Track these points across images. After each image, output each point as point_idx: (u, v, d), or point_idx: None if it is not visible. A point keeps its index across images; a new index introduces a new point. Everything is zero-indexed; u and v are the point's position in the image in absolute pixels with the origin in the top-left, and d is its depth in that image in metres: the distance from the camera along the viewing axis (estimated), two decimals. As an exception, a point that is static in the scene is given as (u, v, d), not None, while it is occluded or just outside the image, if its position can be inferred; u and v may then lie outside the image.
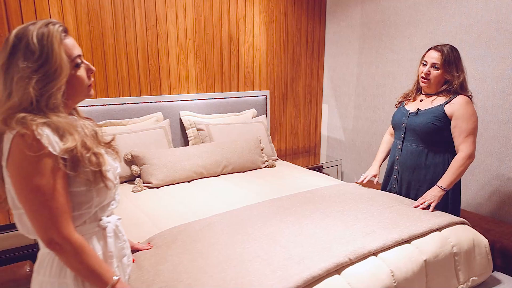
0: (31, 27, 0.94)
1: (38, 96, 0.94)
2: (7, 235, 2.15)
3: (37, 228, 0.95)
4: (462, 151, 1.85)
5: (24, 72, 0.92)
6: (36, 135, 0.91)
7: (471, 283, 1.62)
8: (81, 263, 0.97)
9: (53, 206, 0.93)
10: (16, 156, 0.92)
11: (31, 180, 0.91)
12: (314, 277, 1.23)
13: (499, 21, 2.34)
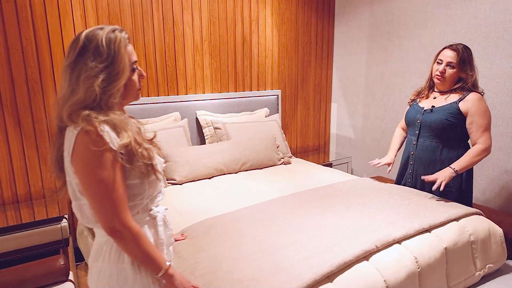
0: (100, 32, 1.03)
1: (101, 94, 1.02)
2: (32, 232, 2.23)
3: (100, 217, 1.03)
4: (482, 144, 1.92)
5: (92, 71, 1.00)
6: (99, 132, 0.99)
7: (488, 270, 1.71)
8: (138, 248, 1.05)
9: (115, 197, 1.01)
10: (81, 151, 1.00)
11: (95, 173, 0.99)
12: (345, 262, 1.32)
13: (507, 21, 2.43)
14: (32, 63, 2.42)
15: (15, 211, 2.35)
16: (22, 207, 2.41)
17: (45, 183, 2.57)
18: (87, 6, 2.55)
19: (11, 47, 2.33)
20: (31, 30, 2.39)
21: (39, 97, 2.47)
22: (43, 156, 2.53)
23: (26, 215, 2.31)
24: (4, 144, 2.38)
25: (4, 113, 2.36)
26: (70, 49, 1.03)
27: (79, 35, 1.04)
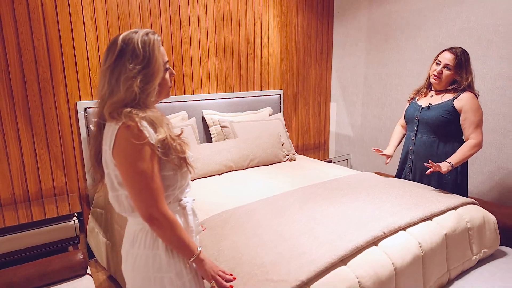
0: (134, 35, 1.12)
1: (140, 93, 1.12)
2: (45, 230, 2.30)
3: (139, 206, 1.11)
4: (474, 139, 2.07)
5: (130, 72, 1.09)
6: (140, 127, 1.09)
7: (483, 255, 1.85)
8: (174, 235, 1.14)
9: (153, 187, 1.11)
10: (122, 144, 1.08)
11: (136, 165, 1.08)
12: (357, 247, 1.44)
13: (497, 24, 2.59)
14: (44, 63, 2.48)
15: (26, 209, 2.41)
16: (33, 205, 2.47)
17: (56, 181, 2.64)
18: (97, 8, 2.62)
19: (23, 48, 2.40)
20: (43, 31, 2.45)
21: (50, 97, 2.53)
22: (54, 155, 2.59)
23: (37, 213, 2.37)
24: (15, 143, 2.45)
25: (16, 112, 2.42)
26: (108, 52, 1.12)
27: (116, 39, 1.12)
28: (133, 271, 1.19)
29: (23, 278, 1.79)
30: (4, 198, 2.46)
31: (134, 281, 1.19)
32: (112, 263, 2.51)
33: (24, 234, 2.21)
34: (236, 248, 1.47)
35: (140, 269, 1.17)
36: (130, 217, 1.21)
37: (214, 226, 1.68)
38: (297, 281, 1.24)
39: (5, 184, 2.45)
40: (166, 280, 1.16)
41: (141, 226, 1.19)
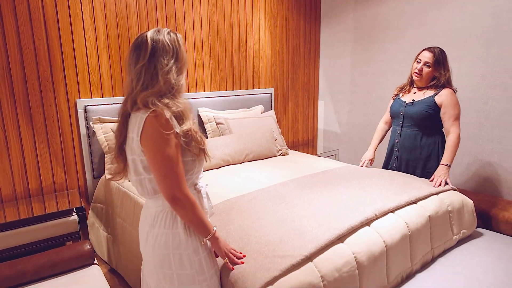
0: (159, 35, 1.25)
1: (175, 83, 1.24)
2: (47, 225, 2.36)
3: (164, 187, 1.22)
4: (452, 133, 2.27)
5: (166, 66, 1.22)
6: (167, 117, 1.21)
7: (462, 235, 2.04)
8: (194, 214, 1.27)
9: (177, 171, 1.23)
10: (150, 132, 1.20)
11: (163, 151, 1.20)
12: (352, 227, 1.60)
13: (473, 27, 2.81)
14: (44, 61, 2.55)
15: (27, 205, 2.46)
16: (34, 202, 2.52)
17: (56, 178, 2.70)
18: (96, 8, 2.70)
19: (24, 47, 2.46)
20: (43, 30, 2.52)
21: (51, 95, 2.60)
22: (54, 152, 2.66)
23: (38, 209, 2.41)
24: (16, 140, 2.50)
25: (17, 109, 2.48)
26: (139, 51, 1.23)
27: (143, 39, 1.24)
28: (154, 250, 1.31)
29: (35, 267, 1.87)
30: (5, 195, 2.51)
31: (155, 259, 1.31)
32: (113, 256, 2.60)
33: (25, 230, 2.26)
34: (243, 230, 1.60)
35: (161, 247, 1.29)
36: (151, 199, 1.33)
37: (220, 212, 1.81)
38: (302, 256, 1.38)
39: (6, 180, 2.50)
40: (184, 257, 1.28)
41: (161, 208, 1.30)
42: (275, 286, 1.28)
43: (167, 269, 1.29)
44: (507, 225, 2.37)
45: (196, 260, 1.30)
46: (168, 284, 1.30)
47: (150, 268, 1.33)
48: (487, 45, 2.75)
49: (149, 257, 1.33)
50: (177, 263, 1.28)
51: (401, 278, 1.72)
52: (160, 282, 1.32)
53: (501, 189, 2.79)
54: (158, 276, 1.31)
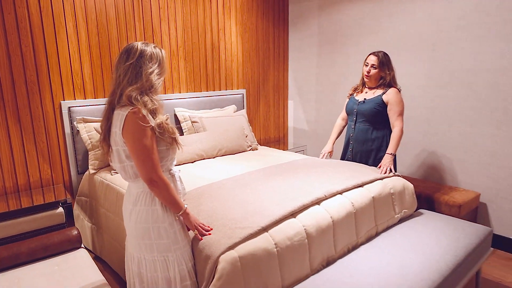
0: (147, 46, 1.53)
1: (155, 84, 1.53)
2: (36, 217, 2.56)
3: (143, 172, 1.49)
4: (397, 126, 2.62)
5: (150, 68, 1.52)
6: (144, 114, 1.48)
7: (403, 214, 2.39)
8: (168, 193, 1.54)
9: (153, 158, 1.50)
10: (130, 126, 1.47)
11: (141, 141, 1.47)
12: (304, 204, 1.90)
13: (418, 33, 3.19)
14: (31, 67, 2.76)
15: (15, 199, 2.67)
16: (22, 196, 2.73)
17: (43, 174, 2.91)
18: (78, 17, 2.93)
19: (12, 53, 2.66)
20: (30, 38, 2.73)
21: (37, 97, 2.81)
22: (41, 150, 2.87)
23: (26, 202, 2.61)
24: (5, 139, 2.71)
25: (6, 111, 2.68)
26: (128, 54, 1.52)
27: (133, 46, 1.53)
28: (136, 224, 1.57)
29: (28, 250, 2.10)
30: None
31: (137, 232, 1.57)
32: (97, 245, 2.83)
33: (16, 222, 2.46)
34: (212, 209, 1.88)
35: (142, 221, 1.56)
36: (132, 182, 1.59)
37: (193, 197, 2.08)
38: (259, 227, 1.68)
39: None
40: (161, 229, 1.56)
41: (141, 189, 1.58)
42: (236, 250, 1.57)
43: (147, 240, 1.56)
44: (446, 207, 2.74)
45: (172, 232, 1.57)
46: (148, 252, 1.57)
47: (133, 239, 1.60)
48: (431, 49, 3.13)
49: (132, 230, 1.60)
50: (156, 234, 1.55)
51: (348, 249, 2.05)
52: (141, 251, 1.58)
53: (445, 177, 3.17)
54: (140, 246, 1.58)
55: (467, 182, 3.03)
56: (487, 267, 2.65)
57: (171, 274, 1.57)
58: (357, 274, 1.76)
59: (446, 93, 3.08)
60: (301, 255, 1.77)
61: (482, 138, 2.90)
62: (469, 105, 2.95)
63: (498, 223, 2.89)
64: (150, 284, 1.61)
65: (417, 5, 3.16)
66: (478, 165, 2.95)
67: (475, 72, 2.88)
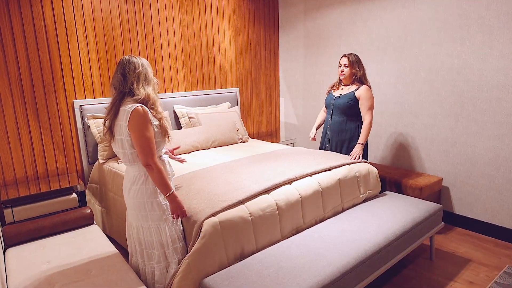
0: (136, 59, 1.91)
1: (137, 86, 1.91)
2: (53, 201, 2.97)
3: (142, 157, 1.86)
4: (366, 119, 3.00)
5: (138, 76, 1.89)
6: (146, 111, 1.87)
7: (368, 195, 2.78)
8: (160, 176, 1.90)
9: (151, 146, 1.88)
10: (135, 120, 1.84)
11: (144, 133, 1.85)
12: (276, 184, 2.30)
13: (389, 36, 3.55)
14: (47, 70, 3.17)
15: (35, 186, 3.09)
16: (42, 183, 3.15)
17: (58, 164, 3.33)
18: (88, 26, 3.34)
19: (31, 59, 3.08)
20: (46, 46, 3.14)
21: (53, 97, 3.23)
22: (56, 143, 3.29)
23: (45, 188, 3.03)
24: (26, 133, 3.13)
25: (27, 109, 3.10)
26: (124, 65, 1.89)
27: (126, 59, 1.91)
28: (133, 199, 1.96)
29: (50, 224, 2.51)
30: (19, 177, 3.14)
31: (134, 206, 1.97)
32: (107, 225, 3.26)
33: (37, 205, 2.87)
34: (201, 188, 2.28)
35: (138, 197, 1.94)
36: (130, 166, 1.98)
37: (185, 179, 2.48)
38: (236, 200, 2.08)
39: (20, 166, 3.13)
40: (154, 203, 1.94)
41: (137, 172, 1.96)
42: (217, 217, 1.97)
43: (143, 211, 1.95)
44: (410, 189, 3.12)
45: (162, 204, 1.95)
46: (144, 222, 1.97)
47: (132, 211, 2.00)
48: (400, 50, 3.50)
49: (130, 204, 2.00)
50: (149, 207, 1.94)
51: (315, 221, 2.44)
52: (139, 220, 1.99)
53: (413, 164, 3.55)
54: (137, 216, 1.98)
55: (432, 168, 3.41)
56: (445, 241, 3.04)
57: (163, 238, 1.96)
58: (318, 239, 2.15)
59: (412, 90, 3.45)
60: (272, 224, 2.17)
61: (443, 129, 3.27)
62: (432, 100, 3.32)
63: (459, 204, 3.27)
64: (147, 246, 2.01)
65: (387, 11, 3.53)
66: (440, 153, 3.33)
67: (435, 71, 3.25)
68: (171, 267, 1.97)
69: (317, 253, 1.99)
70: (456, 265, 2.67)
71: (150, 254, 2.02)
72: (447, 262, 2.72)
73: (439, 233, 3.16)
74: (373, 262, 2.05)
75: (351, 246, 2.06)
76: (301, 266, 1.87)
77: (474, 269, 2.62)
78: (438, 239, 3.06)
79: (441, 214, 2.65)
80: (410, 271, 2.61)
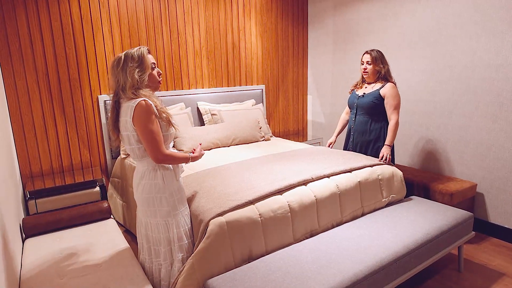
0: (131, 50, 1.86)
1: (139, 79, 1.85)
2: (76, 194, 3.04)
3: (150, 151, 1.83)
4: (392, 119, 2.81)
5: (132, 67, 1.83)
6: (150, 103, 1.84)
7: (391, 199, 2.60)
8: (174, 160, 1.87)
9: (158, 139, 1.85)
10: (139, 114, 1.82)
11: (149, 126, 1.83)
12: (290, 184, 2.19)
13: (422, 30, 3.32)
14: (73, 66, 3.26)
15: (60, 178, 3.18)
16: (66, 176, 3.24)
17: (83, 157, 3.42)
18: (113, 23, 3.39)
19: (58, 55, 3.17)
20: (72, 42, 3.22)
21: (78, 92, 3.31)
22: (81, 137, 3.37)
23: (70, 180, 3.12)
24: (52, 127, 3.23)
25: (53, 104, 3.20)
26: (119, 62, 1.85)
27: (120, 55, 1.86)
28: (142, 194, 1.94)
29: (68, 216, 2.57)
30: (45, 169, 3.25)
31: (143, 201, 1.94)
32: (127, 219, 3.29)
33: (61, 197, 2.94)
34: (212, 186, 2.22)
35: (147, 192, 1.92)
36: (139, 162, 1.95)
37: (199, 176, 2.43)
38: (246, 200, 2.00)
39: (46, 158, 3.24)
40: (163, 198, 1.91)
41: (146, 167, 1.93)
42: (224, 217, 1.90)
43: (152, 207, 1.92)
44: (439, 195, 2.89)
45: (171, 200, 1.92)
46: (152, 217, 1.94)
47: (141, 207, 1.98)
48: (433, 46, 3.25)
49: (139, 200, 1.97)
50: (158, 202, 1.91)
51: (332, 225, 2.31)
52: (147, 216, 1.96)
53: (444, 167, 3.30)
54: (146, 212, 1.96)
55: (465, 173, 3.14)
56: (477, 252, 2.79)
57: (171, 234, 1.93)
58: (332, 244, 2.02)
59: (445, 88, 3.20)
60: (283, 226, 2.07)
61: (479, 131, 3.00)
62: (467, 99, 3.05)
63: (494, 212, 2.98)
64: (154, 243, 1.99)
65: (420, 4, 3.29)
66: (475, 156, 3.05)
67: (472, 68, 2.98)
68: (174, 265, 1.93)
69: (329, 259, 1.87)
70: (486, 279, 2.44)
71: (157, 251, 2.00)
72: (476, 275, 2.48)
73: (470, 243, 2.91)
74: (390, 272, 1.90)
75: (366, 253, 1.91)
76: (309, 272, 1.76)
77: (506, 284, 2.37)
78: (469, 249, 2.82)
79: (472, 223, 2.42)
80: (435, 282, 2.41)
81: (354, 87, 3.13)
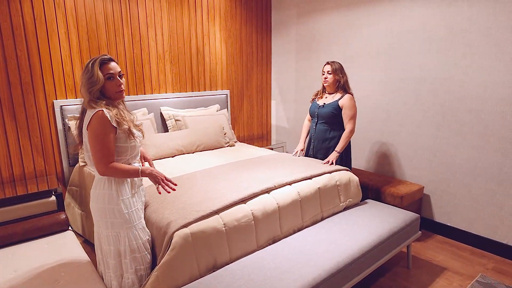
0: (91, 59, 1.82)
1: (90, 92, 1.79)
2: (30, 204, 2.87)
3: (94, 162, 1.77)
4: (347, 128, 2.96)
5: (86, 80, 1.79)
6: (105, 114, 1.80)
7: (348, 203, 2.73)
8: (122, 173, 1.81)
9: (104, 152, 1.74)
10: (92, 124, 1.77)
11: (99, 137, 1.74)
12: (254, 193, 2.24)
13: (379, 44, 3.50)
14: (25, 69, 3.08)
15: (11, 188, 2.99)
16: (18, 185, 3.05)
17: (37, 166, 3.26)
18: (70, 24, 3.26)
19: (7, 57, 2.98)
20: (24, 44, 3.04)
21: (31, 97, 3.15)
22: (35, 144, 3.21)
23: (21, 191, 2.91)
24: (2, 135, 3.04)
25: (3, 109, 3.01)
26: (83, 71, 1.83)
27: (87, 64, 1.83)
28: (96, 204, 1.88)
29: (22, 230, 2.44)
30: (-5, 178, 3.06)
31: (97, 211, 1.89)
32: (86, 229, 3.19)
33: (13, 208, 2.76)
34: (176, 196, 2.22)
35: (100, 202, 1.87)
36: (94, 171, 1.90)
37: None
38: (210, 210, 2.02)
39: (-4, 167, 3.05)
40: (115, 210, 1.85)
41: (99, 176, 1.88)
42: (189, 228, 1.91)
43: (104, 218, 1.87)
44: (391, 197, 3.09)
45: (125, 213, 1.86)
46: (104, 229, 1.89)
47: (94, 217, 1.93)
48: (389, 59, 3.45)
49: (93, 209, 1.92)
50: (111, 214, 1.86)
51: (293, 230, 2.39)
52: (100, 227, 1.92)
53: (396, 171, 3.53)
54: (99, 223, 1.91)
55: (414, 176, 3.40)
56: (423, 249, 3.05)
57: (121, 247, 1.89)
58: (294, 249, 2.10)
59: (398, 98, 3.42)
60: (247, 234, 2.11)
61: (426, 138, 3.27)
62: (416, 109, 3.30)
63: (439, 212, 3.27)
64: (105, 255, 1.95)
65: (381, 19, 3.48)
66: (423, 161, 3.32)
67: (420, 81, 3.24)
68: (126, 277, 1.92)
69: (290, 264, 1.94)
70: (431, 274, 2.67)
71: (107, 262, 1.97)
72: (423, 271, 2.71)
73: (419, 240, 3.17)
74: (346, 274, 2.01)
75: (325, 257, 2.01)
76: (272, 278, 1.82)
77: (448, 278, 2.61)
78: (417, 246, 3.06)
79: (418, 223, 2.63)
80: (387, 279, 2.58)
81: (315, 96, 3.24)
